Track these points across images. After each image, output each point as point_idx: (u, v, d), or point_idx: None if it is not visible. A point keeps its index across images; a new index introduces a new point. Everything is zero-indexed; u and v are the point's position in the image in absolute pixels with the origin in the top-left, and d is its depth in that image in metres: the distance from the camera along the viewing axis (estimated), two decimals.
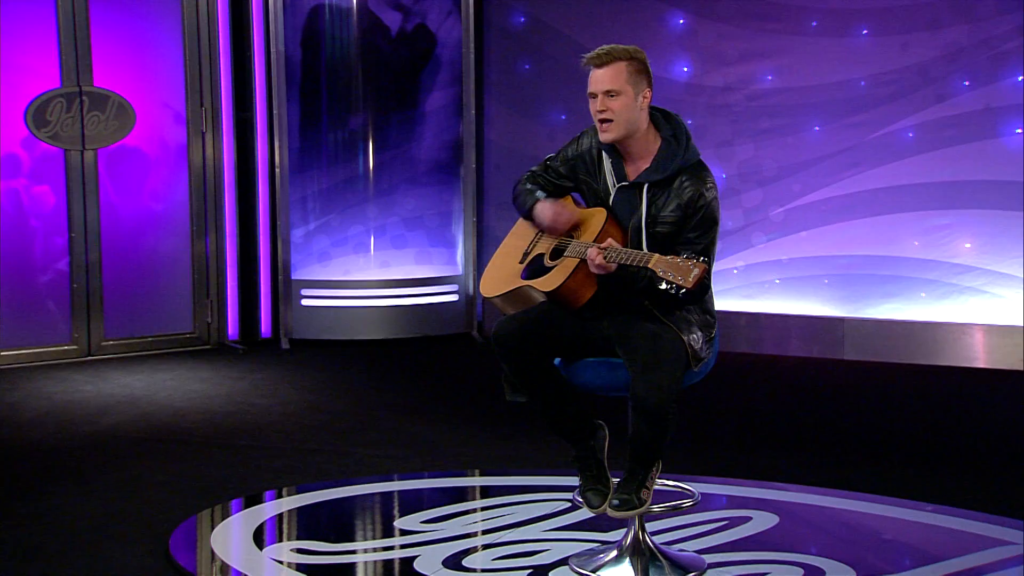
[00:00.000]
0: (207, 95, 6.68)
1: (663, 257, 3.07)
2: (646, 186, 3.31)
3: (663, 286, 3.03)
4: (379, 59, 6.92)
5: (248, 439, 4.85)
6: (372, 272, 7.02)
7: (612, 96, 3.27)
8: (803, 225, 6.61)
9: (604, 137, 3.31)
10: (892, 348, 6.34)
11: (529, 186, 3.49)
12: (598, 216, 3.35)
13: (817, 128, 6.54)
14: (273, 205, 6.85)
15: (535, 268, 3.40)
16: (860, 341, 6.43)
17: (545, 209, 3.41)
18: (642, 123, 3.32)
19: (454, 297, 7.13)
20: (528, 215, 3.47)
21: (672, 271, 3.02)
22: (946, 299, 6.29)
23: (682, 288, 3.01)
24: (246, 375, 6.08)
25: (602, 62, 3.29)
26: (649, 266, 3.07)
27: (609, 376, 3.35)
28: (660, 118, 3.37)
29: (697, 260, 3.01)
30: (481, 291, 3.54)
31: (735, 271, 6.72)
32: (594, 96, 3.30)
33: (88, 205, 6.42)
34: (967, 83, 6.20)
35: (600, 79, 3.29)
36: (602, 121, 3.29)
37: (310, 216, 6.96)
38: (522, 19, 7.14)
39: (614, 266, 3.18)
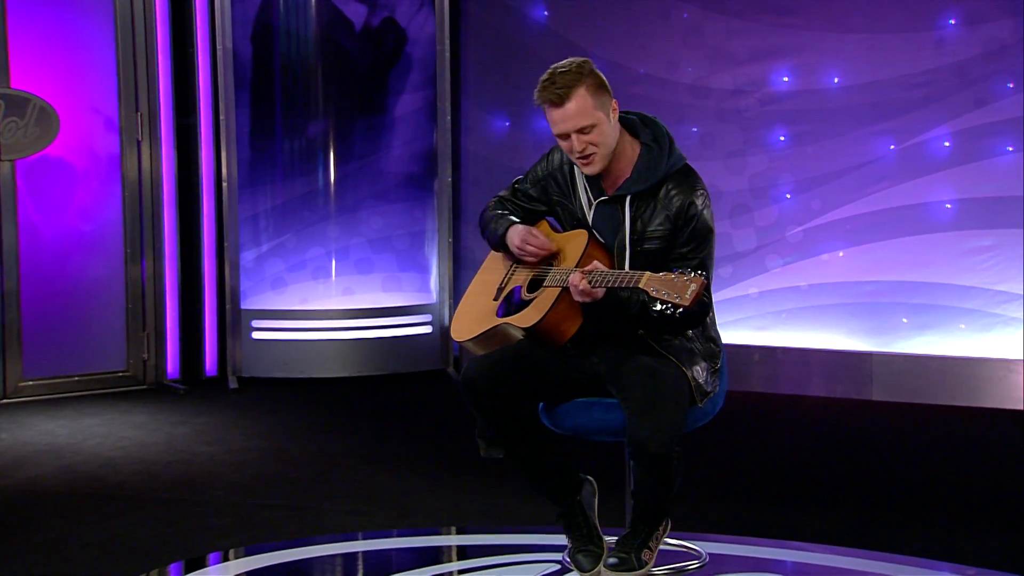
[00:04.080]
0: (143, 98, 6.69)
1: (655, 275, 3.09)
2: (628, 199, 3.34)
3: (658, 307, 3.06)
4: (341, 58, 6.95)
5: (190, 493, 4.84)
6: (333, 300, 7.03)
7: (587, 131, 3.28)
8: (824, 247, 6.65)
9: (589, 170, 3.33)
10: (927, 387, 6.37)
11: (498, 211, 3.51)
12: (579, 239, 3.38)
13: (840, 136, 6.58)
14: (220, 224, 6.85)
15: (511, 304, 3.43)
16: (890, 379, 6.46)
17: (514, 235, 3.43)
18: (617, 136, 3.34)
19: (427, 329, 7.14)
20: (501, 243, 3.50)
21: (666, 289, 3.05)
22: (989, 331, 6.33)
23: (679, 308, 3.03)
24: (188, 419, 6.07)
25: (560, 98, 3.25)
26: (640, 286, 3.10)
27: (603, 418, 3.37)
28: (636, 122, 3.40)
29: (693, 275, 3.04)
30: (453, 336, 3.57)
31: (752, 291, 6.73)
32: (565, 136, 3.30)
33: (4, 225, 6.41)
34: (1011, 85, 6.26)
35: (566, 118, 3.27)
36: (582, 157, 3.31)
37: (262, 237, 6.97)
38: (504, 13, 7.18)
39: (601, 292, 3.20)
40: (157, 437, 5.72)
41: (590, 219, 3.40)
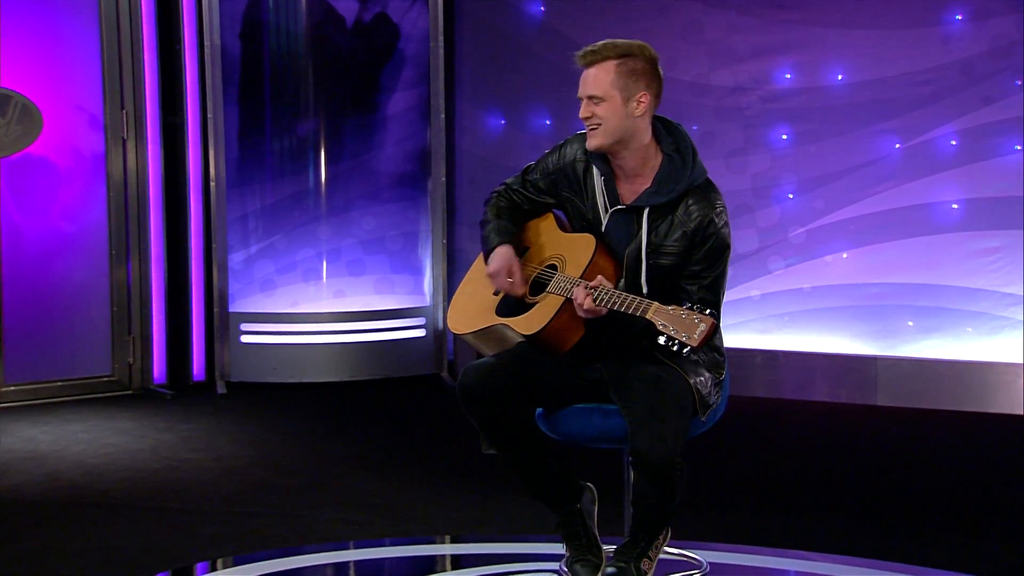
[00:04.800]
0: (129, 96, 6.68)
1: (664, 308, 3.08)
2: (647, 210, 3.33)
3: (662, 340, 3.06)
4: (332, 54, 6.95)
5: (177, 501, 4.84)
6: (324, 303, 7.02)
7: (596, 102, 3.32)
8: (828, 248, 6.65)
9: (589, 144, 3.36)
10: (933, 392, 6.38)
11: (495, 217, 3.51)
12: (586, 246, 3.37)
13: (844, 135, 6.59)
14: (207, 225, 6.84)
15: (512, 303, 3.43)
16: (896, 384, 6.46)
17: (494, 261, 3.44)
18: (640, 133, 3.35)
19: (421, 332, 7.14)
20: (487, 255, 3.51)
21: (674, 325, 3.05)
22: (997, 335, 6.34)
23: (686, 346, 3.03)
24: (175, 425, 6.07)
25: (588, 61, 3.36)
26: (647, 317, 3.09)
27: (603, 424, 3.37)
28: (660, 128, 3.40)
29: (704, 313, 3.04)
30: (449, 326, 3.57)
31: (753, 293, 6.73)
32: (581, 99, 3.36)
33: None
34: (1019, 82, 6.27)
35: (585, 81, 3.36)
36: (589, 127, 3.35)
37: (251, 238, 6.96)
38: (499, 8, 7.18)
39: (604, 310, 3.20)
40: (143, 444, 5.71)
41: (604, 225, 3.39)
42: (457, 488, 4.98)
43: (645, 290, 3.32)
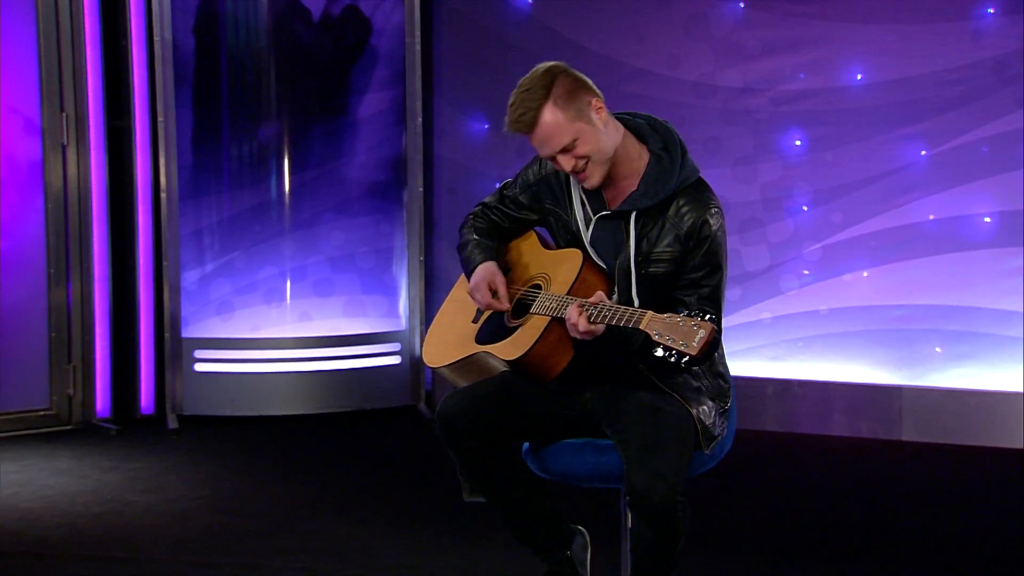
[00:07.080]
0: (69, 97, 6.68)
1: (658, 316, 3.10)
2: (634, 215, 3.35)
3: (659, 352, 3.06)
4: (297, 51, 6.96)
5: (122, 550, 4.82)
6: (288, 328, 7.02)
7: (570, 148, 3.30)
8: (847, 266, 6.68)
9: (589, 185, 3.37)
10: (963, 426, 6.39)
11: (473, 236, 3.53)
12: (572, 261, 3.39)
13: (864, 141, 6.61)
14: (157, 241, 6.84)
15: (493, 329, 3.44)
16: (922, 417, 6.47)
17: (477, 275, 3.45)
18: (613, 137, 3.35)
19: (395, 360, 7.14)
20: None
21: (671, 334, 3.06)
22: None
23: (684, 355, 3.03)
24: (121, 464, 6.06)
25: (527, 125, 3.30)
26: (641, 328, 3.10)
27: (596, 461, 3.38)
28: (644, 127, 3.41)
29: (703, 319, 3.04)
30: (425, 359, 3.59)
31: (764, 316, 6.75)
32: (552, 159, 3.35)
33: None
34: None
35: (541, 143, 3.32)
36: (577, 174, 3.34)
37: (206, 255, 6.96)
38: (482, 1, 7.20)
39: (601, 328, 3.21)
40: (84, 485, 5.70)
41: (587, 236, 3.40)
42: (436, 532, 4.97)
43: (637, 303, 3.32)
